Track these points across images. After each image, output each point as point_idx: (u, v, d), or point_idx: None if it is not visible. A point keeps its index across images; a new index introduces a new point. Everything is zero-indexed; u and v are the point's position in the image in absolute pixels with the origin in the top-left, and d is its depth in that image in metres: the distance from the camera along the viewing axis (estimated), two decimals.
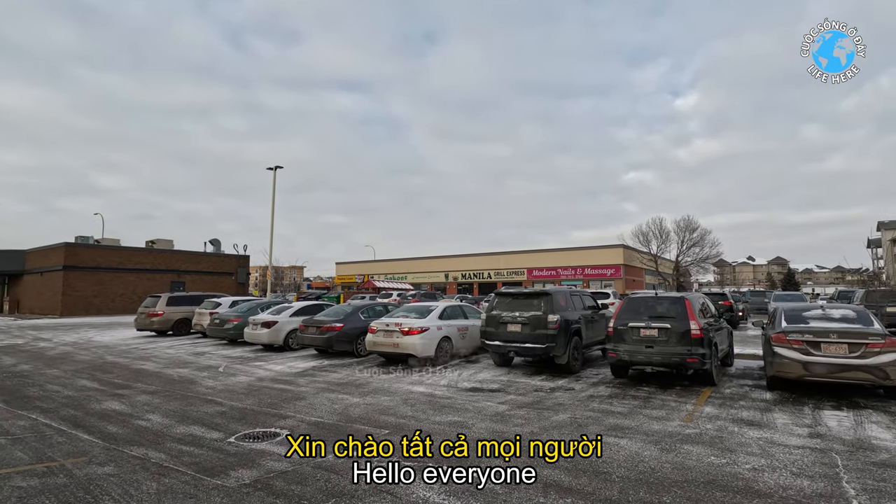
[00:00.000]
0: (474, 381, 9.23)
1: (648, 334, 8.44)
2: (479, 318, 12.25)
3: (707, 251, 51.24)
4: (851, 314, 7.86)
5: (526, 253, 58.49)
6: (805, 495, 4.00)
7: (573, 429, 5.93)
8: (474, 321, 12.24)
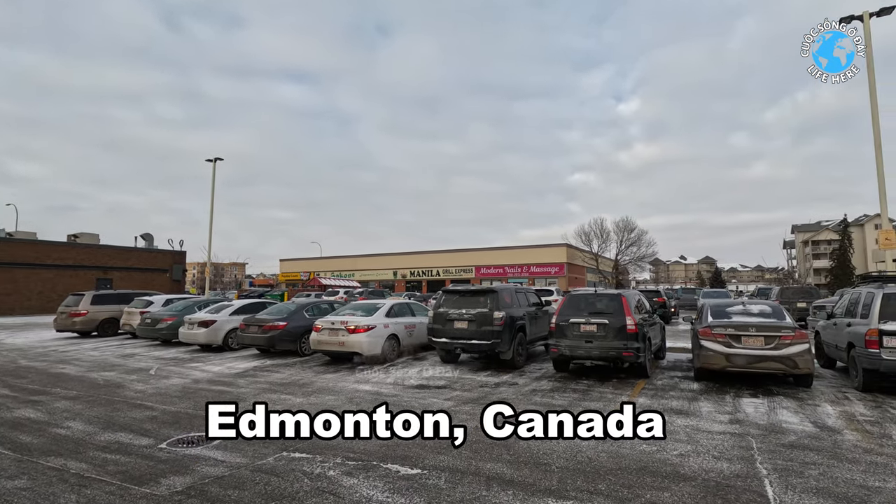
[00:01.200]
0: (421, 378, 9.25)
1: (588, 330, 8.80)
2: (426, 316, 12.28)
3: (644, 250, 54.24)
4: (767, 309, 8.56)
5: (474, 251, 59.22)
6: (724, 477, 4.32)
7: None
8: (422, 318, 12.26)
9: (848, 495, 3.92)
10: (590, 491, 4.06)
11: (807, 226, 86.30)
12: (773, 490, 4.03)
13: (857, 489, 4.03)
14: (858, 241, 70.29)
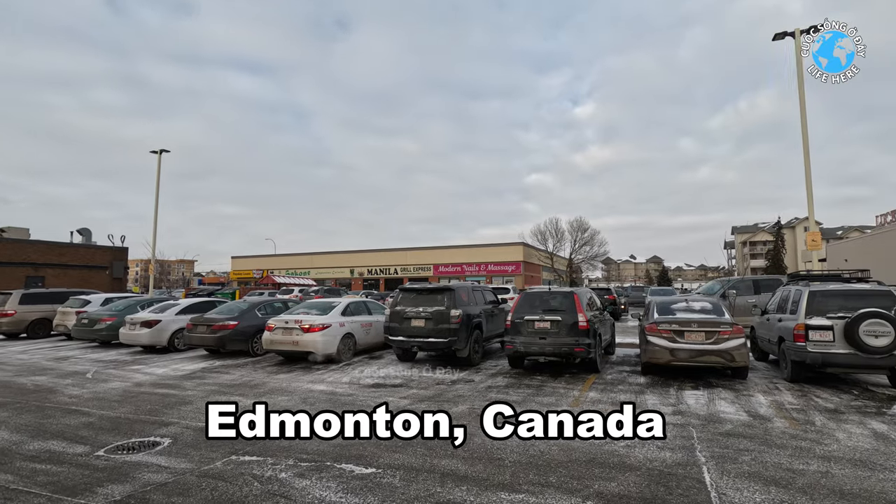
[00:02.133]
0: (377, 376, 9.18)
1: (542, 327, 9.01)
2: (383, 314, 12.19)
3: (596, 250, 56.09)
4: (708, 306, 9.05)
5: (432, 249, 59.28)
6: (666, 465, 4.54)
7: (472, 419, 6.14)
8: (378, 317, 12.16)
9: (776, 478, 4.22)
10: (541, 484, 4.16)
11: (745, 227, 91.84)
12: (710, 476, 4.27)
13: (783, 472, 4.34)
14: (790, 242, 75.49)
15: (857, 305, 7.64)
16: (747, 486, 4.07)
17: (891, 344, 7.20)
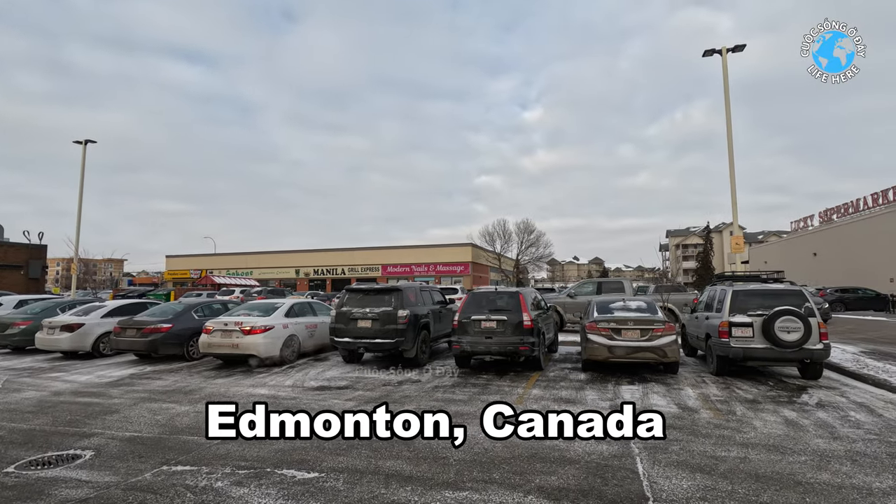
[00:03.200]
0: (322, 379, 8.98)
1: (488, 326, 9.16)
2: (329, 315, 11.95)
3: (542, 251, 57.65)
4: (644, 305, 9.54)
5: (381, 249, 58.73)
6: (603, 458, 4.75)
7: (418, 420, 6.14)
8: (324, 318, 11.90)
9: (701, 465, 4.52)
10: (485, 481, 4.23)
11: (678, 231, 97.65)
12: (642, 466, 4.51)
13: (708, 459, 4.66)
14: (718, 245, 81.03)
15: (774, 304, 8.32)
16: (676, 473, 4.33)
17: (801, 338, 7.90)
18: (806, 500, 3.80)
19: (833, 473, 4.32)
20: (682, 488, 4.03)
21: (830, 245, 41.44)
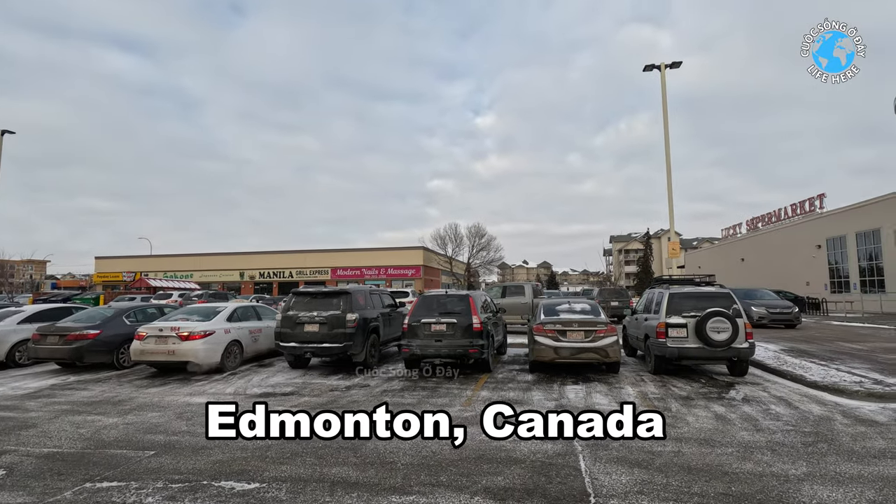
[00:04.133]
0: (266, 385, 8.67)
1: (438, 329, 9.18)
2: (274, 320, 11.58)
3: (492, 255, 58.63)
4: (588, 307, 9.88)
5: (331, 252, 57.62)
6: (548, 456, 4.86)
7: (366, 425, 6.04)
8: (269, 322, 11.50)
9: (639, 460, 4.72)
10: (432, 484, 4.22)
11: (621, 237, 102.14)
12: (585, 463, 4.66)
13: (645, 455, 4.87)
14: (657, 250, 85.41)
15: (705, 305, 8.86)
16: (615, 469, 4.51)
17: (729, 338, 8.45)
18: (731, 488, 4.06)
19: (756, 463, 4.64)
20: (622, 483, 4.19)
21: (756, 251, 44.72)
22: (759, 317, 18.38)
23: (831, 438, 5.41)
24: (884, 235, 29.10)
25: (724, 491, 4.02)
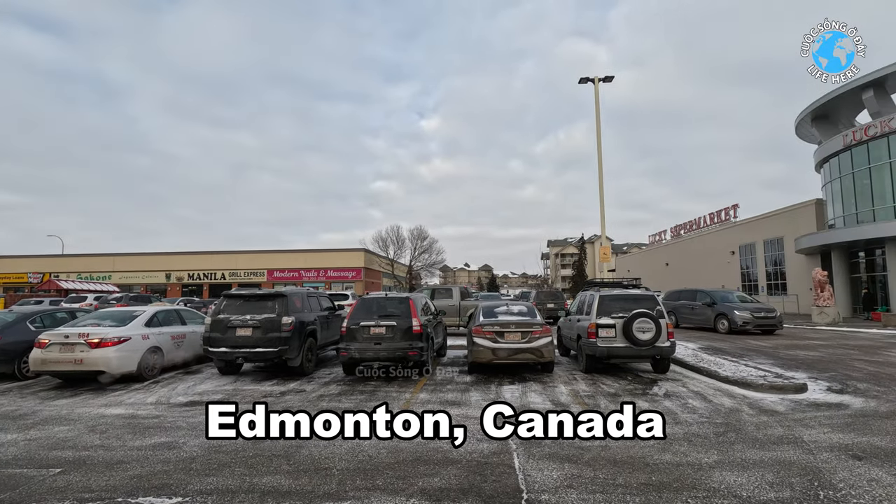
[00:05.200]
0: (193, 393, 8.19)
1: (377, 332, 9.09)
2: (201, 324, 10.99)
3: (434, 258, 58.91)
4: (525, 309, 10.17)
5: (268, 253, 55.44)
6: (484, 456, 4.95)
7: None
8: (195, 327, 10.87)
9: (569, 456, 4.92)
10: (368, 488, 4.17)
11: (558, 241, 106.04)
12: (519, 461, 4.79)
13: (575, 450, 5.09)
14: (591, 254, 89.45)
15: (632, 307, 9.40)
16: (547, 465, 4.67)
17: (653, 337, 9.02)
18: (652, 478, 4.33)
19: (674, 454, 4.98)
20: (553, 478, 4.35)
21: (679, 256, 48.03)
22: (744, 322, 16.85)
23: (739, 428, 5.91)
24: (786, 243, 32.22)
25: (646, 481, 4.27)
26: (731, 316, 17.16)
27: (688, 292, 20.76)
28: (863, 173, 25.68)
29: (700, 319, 18.87)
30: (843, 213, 27.24)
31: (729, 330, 17.19)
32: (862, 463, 4.67)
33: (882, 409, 6.75)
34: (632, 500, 3.91)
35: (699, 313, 18.87)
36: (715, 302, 18.31)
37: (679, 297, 20.58)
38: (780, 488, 4.09)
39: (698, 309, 18.95)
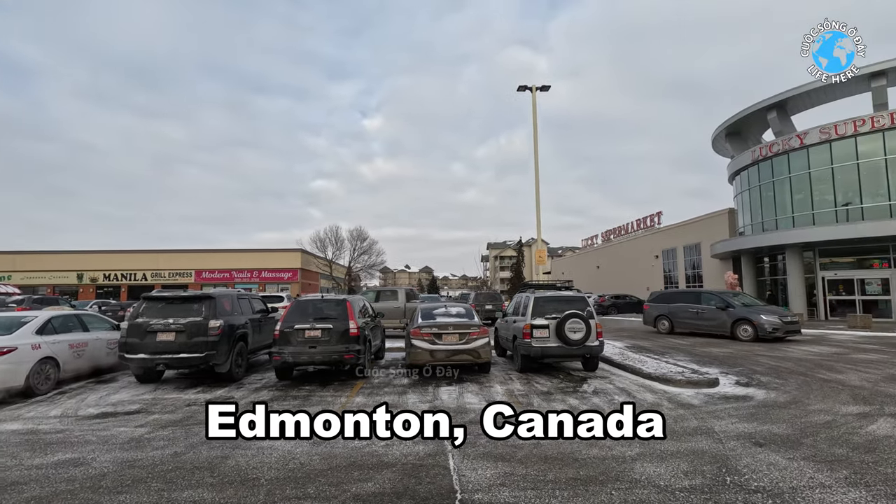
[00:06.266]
0: (105, 404, 7.55)
1: (312, 335, 8.83)
2: (109, 329, 10.19)
3: (374, 259, 58.17)
4: (463, 311, 10.29)
5: (196, 252, 52.24)
6: (419, 458, 4.95)
7: (226, 441, 5.56)
8: (100, 334, 9.97)
9: (502, 454, 5.03)
10: (299, 497, 4.03)
11: (497, 244, 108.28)
12: (453, 462, 4.82)
13: (508, 448, 5.20)
14: (528, 257, 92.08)
15: (565, 308, 9.78)
16: (481, 465, 4.74)
17: (584, 337, 9.43)
18: (580, 473, 4.52)
19: (600, 448, 5.22)
20: (486, 477, 4.42)
21: (609, 260, 50.61)
22: (774, 328, 14.96)
23: None
24: (703, 248, 34.89)
25: (574, 476, 4.45)
26: (756, 321, 15.07)
27: (686, 294, 19.24)
28: (768, 186, 28.35)
29: (709, 325, 16.68)
30: (751, 222, 29.91)
31: (755, 337, 15.00)
32: (763, 449, 5.13)
33: (780, 399, 7.47)
34: (560, 494, 4.05)
35: (708, 318, 16.71)
36: (731, 305, 16.20)
37: (672, 300, 18.78)
38: (693, 476, 4.41)
39: (707, 313, 16.78)
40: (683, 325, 17.76)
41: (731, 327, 15.72)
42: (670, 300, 18.78)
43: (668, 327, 18.12)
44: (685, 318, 17.64)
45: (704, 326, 16.89)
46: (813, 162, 25.66)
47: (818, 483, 4.22)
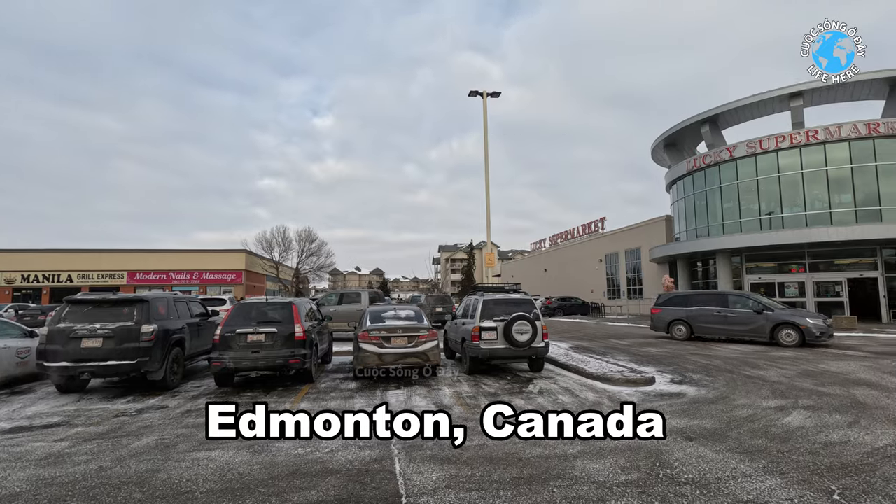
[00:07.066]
0: (20, 417, 6.93)
1: (255, 340, 8.52)
2: (18, 337, 9.40)
3: (324, 260, 56.86)
4: (412, 314, 10.26)
5: (130, 252, 49.05)
6: (365, 463, 4.87)
7: (158, 452, 5.26)
8: (9, 341, 9.18)
9: (449, 457, 5.05)
10: None
11: (448, 247, 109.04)
12: (399, 466, 4.79)
13: (454, 450, 5.23)
14: (479, 260, 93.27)
15: (513, 310, 9.96)
16: (428, 468, 4.74)
17: (530, 339, 9.65)
18: (524, 472, 4.61)
19: (544, 447, 5.35)
20: (432, 480, 4.42)
21: (556, 263, 52.14)
22: (821, 332, 13.99)
23: None
24: (643, 253, 36.67)
25: (518, 475, 4.54)
26: (801, 324, 14.12)
27: (707, 296, 17.11)
28: (700, 195, 30.24)
29: (742, 330, 15.25)
30: (686, 228, 31.78)
31: (801, 342, 13.98)
32: (693, 443, 5.45)
33: (710, 395, 7.96)
34: (504, 494, 4.12)
35: (741, 322, 15.24)
36: (768, 308, 15.02)
37: (689, 302, 16.92)
38: (629, 471, 4.61)
39: (738, 317, 15.33)
40: (706, 330, 16.02)
41: (771, 332, 14.54)
42: (687, 303, 16.90)
43: (686, 333, 16.39)
44: (709, 323, 15.94)
45: (736, 332, 15.37)
46: (741, 173, 27.64)
47: (740, 473, 4.53)
